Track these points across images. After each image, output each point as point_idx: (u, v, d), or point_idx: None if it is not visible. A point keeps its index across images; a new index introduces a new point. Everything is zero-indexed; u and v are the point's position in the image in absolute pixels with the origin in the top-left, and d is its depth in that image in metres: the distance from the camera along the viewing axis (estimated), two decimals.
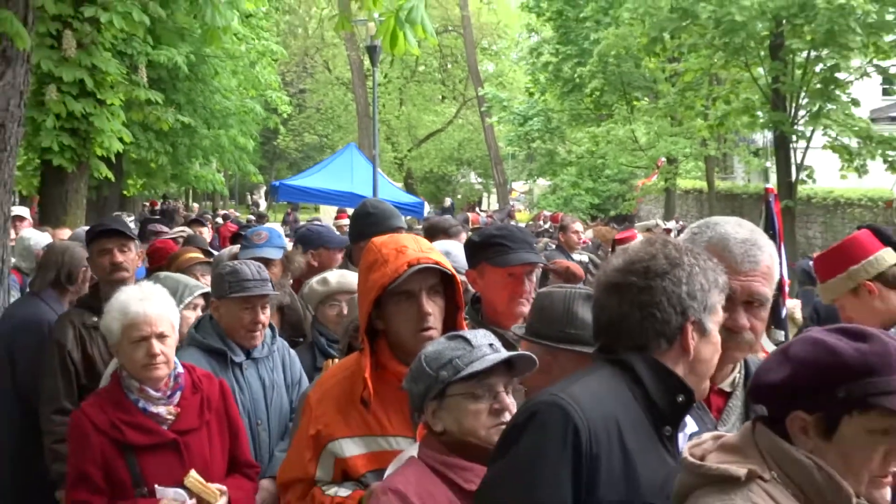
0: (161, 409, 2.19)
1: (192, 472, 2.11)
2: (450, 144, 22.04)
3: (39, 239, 4.47)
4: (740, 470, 1.21)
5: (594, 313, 1.49)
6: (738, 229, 1.57)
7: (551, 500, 1.27)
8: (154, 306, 2.18)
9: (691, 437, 1.42)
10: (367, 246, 1.86)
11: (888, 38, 12.63)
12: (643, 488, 1.31)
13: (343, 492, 1.82)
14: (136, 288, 2.34)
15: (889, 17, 12.51)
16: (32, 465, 2.94)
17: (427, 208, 13.90)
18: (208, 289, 2.84)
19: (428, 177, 23.26)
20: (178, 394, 2.23)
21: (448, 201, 19.41)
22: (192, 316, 2.80)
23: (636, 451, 1.33)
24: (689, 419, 1.46)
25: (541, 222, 13.54)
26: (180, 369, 2.26)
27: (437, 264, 1.77)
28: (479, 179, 24.85)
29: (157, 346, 2.13)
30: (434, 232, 3.43)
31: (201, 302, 2.91)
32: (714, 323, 1.40)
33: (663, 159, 14.07)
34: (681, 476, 1.31)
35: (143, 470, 2.12)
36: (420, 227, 8.94)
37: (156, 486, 2.12)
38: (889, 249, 2.33)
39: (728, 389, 1.60)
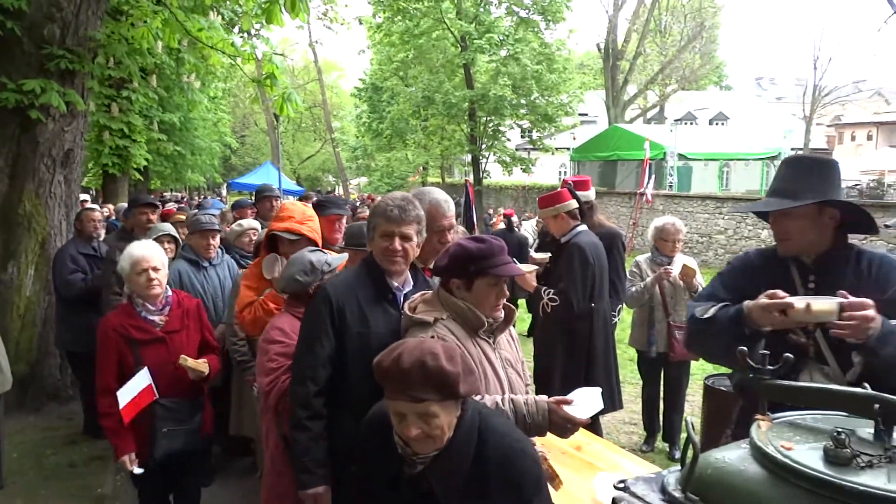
0: (155, 318, 3.03)
1: (184, 358, 2.93)
2: (318, 161, 39.59)
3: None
4: (429, 318, 2.11)
5: (359, 232, 3.07)
6: (442, 194, 2.70)
7: (321, 329, 2.23)
8: (149, 251, 3.03)
9: (407, 295, 2.34)
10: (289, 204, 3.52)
11: (522, 111, 26.11)
12: (372, 325, 2.23)
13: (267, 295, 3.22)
14: (137, 242, 3.14)
15: (523, 101, 25.81)
16: None
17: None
18: (172, 231, 4.58)
19: (308, 177, 37.78)
20: (168, 308, 3.07)
21: (321, 189, 33.19)
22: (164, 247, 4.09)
23: (367, 305, 2.27)
24: (409, 285, 2.37)
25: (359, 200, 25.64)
26: (170, 293, 3.13)
27: (287, 231, 3.20)
28: (333, 178, 39.84)
29: (153, 275, 2.98)
30: (326, 204, 4.02)
31: (170, 243, 4.49)
32: (373, 234, 2.33)
33: (421, 167, 27.35)
34: (402, 319, 2.23)
35: (143, 356, 2.93)
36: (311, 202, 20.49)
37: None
38: (573, 200, 4.04)
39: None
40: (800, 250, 2.13)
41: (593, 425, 3.91)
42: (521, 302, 8.00)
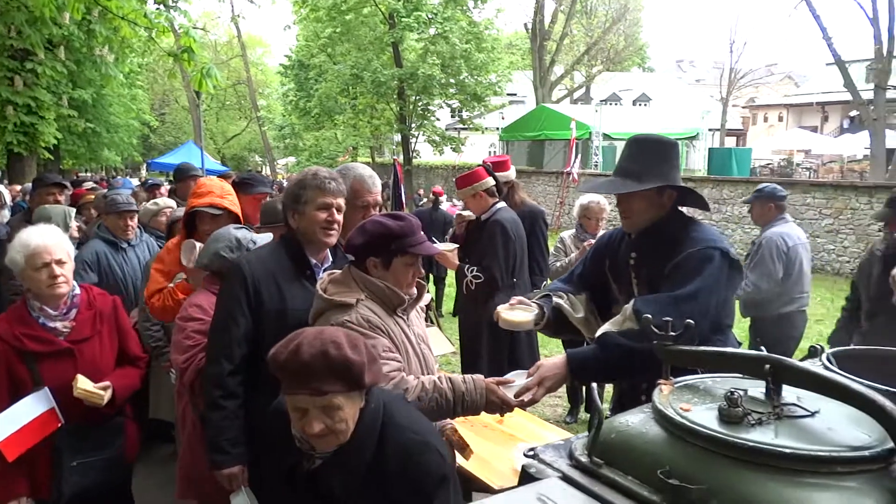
0: (57, 324, 2.45)
1: (79, 380, 2.35)
2: (244, 140, 39.05)
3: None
4: (352, 300, 2.03)
5: (275, 209, 2.99)
6: (367, 170, 2.75)
7: (236, 307, 2.18)
8: (51, 239, 2.43)
9: (325, 269, 2.32)
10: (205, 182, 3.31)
11: (452, 90, 26.10)
12: (290, 302, 2.21)
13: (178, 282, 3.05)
14: (33, 227, 2.55)
15: (452, 81, 25.80)
16: None
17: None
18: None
19: (234, 157, 35.99)
20: (74, 311, 2.49)
21: (252, 170, 31.97)
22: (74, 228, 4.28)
23: (285, 282, 2.23)
24: (328, 262, 2.38)
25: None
26: (77, 290, 2.54)
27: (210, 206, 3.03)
28: (260, 159, 38.17)
29: (57, 270, 2.39)
30: (250, 183, 3.87)
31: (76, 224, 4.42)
32: (305, 208, 2.28)
33: (351, 147, 26.84)
34: (315, 301, 2.10)
35: (43, 373, 2.37)
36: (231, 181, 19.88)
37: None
38: (490, 178, 4.09)
39: None
40: (640, 227, 2.27)
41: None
42: (451, 280, 8.09)
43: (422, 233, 2.14)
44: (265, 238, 2.72)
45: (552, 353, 5.75)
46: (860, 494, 1.01)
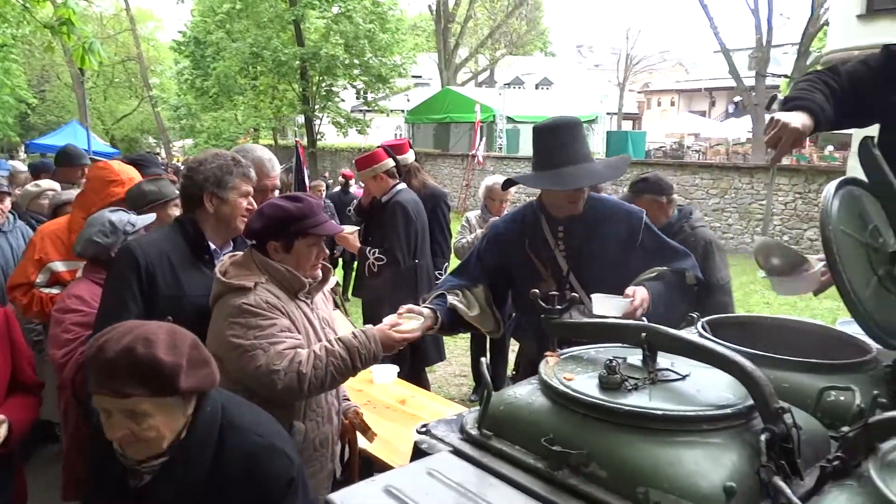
0: None
1: None
2: (136, 121, 36.24)
3: None
4: (250, 283, 1.97)
5: (140, 193, 2.75)
6: (266, 152, 2.70)
7: (126, 293, 2.06)
8: None
9: (225, 254, 2.22)
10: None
11: (356, 71, 25.74)
12: (187, 288, 2.12)
13: (55, 290, 2.89)
14: None
15: (356, 61, 25.42)
16: None
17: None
18: None
19: (125, 138, 33.18)
20: None
21: (150, 152, 30.01)
22: None
23: (181, 268, 2.14)
24: (229, 246, 2.31)
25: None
26: None
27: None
28: (154, 140, 35.42)
29: None
30: (142, 164, 3.61)
31: None
32: (230, 194, 2.20)
33: (252, 129, 26.03)
34: (214, 285, 2.03)
35: None
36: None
37: None
38: (390, 159, 4.01)
39: None
40: (578, 211, 2.38)
41: (420, 379, 4.02)
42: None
43: (322, 213, 2.10)
44: (146, 220, 2.59)
45: (457, 335, 5.83)
46: (723, 448, 1.08)
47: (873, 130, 1.94)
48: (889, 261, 1.45)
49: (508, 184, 2.60)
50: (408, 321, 2.10)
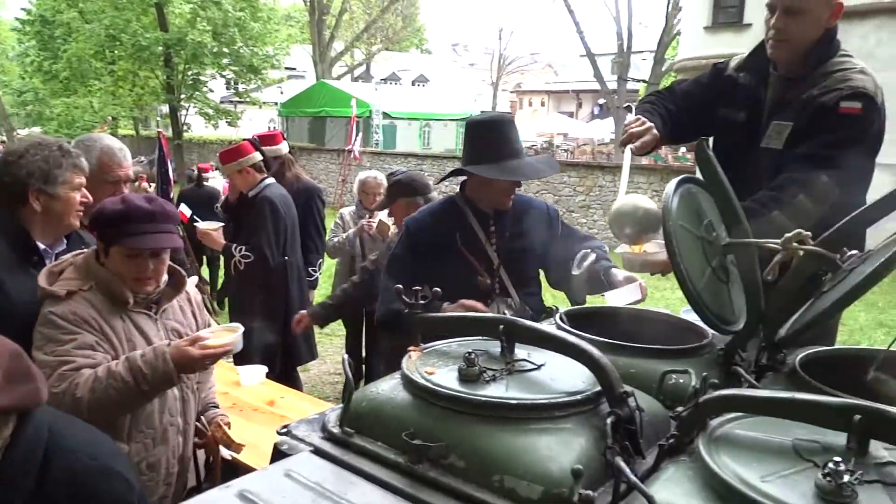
0: None
1: None
2: None
3: None
4: (61, 291, 1.77)
5: None
6: (115, 142, 2.51)
7: None
8: None
9: (59, 256, 2.03)
10: None
11: (225, 60, 24.67)
12: (13, 292, 1.88)
13: None
14: None
15: (226, 50, 24.34)
16: None
17: None
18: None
19: None
20: None
21: None
22: None
23: (5, 270, 1.90)
24: (61, 245, 2.09)
25: None
26: None
27: None
28: None
29: None
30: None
31: None
32: (60, 189, 1.97)
33: (109, 118, 24.05)
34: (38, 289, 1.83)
35: None
36: None
37: None
38: (257, 153, 3.85)
39: None
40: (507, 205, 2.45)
41: (291, 379, 3.93)
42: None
43: (158, 222, 1.87)
44: None
45: (333, 330, 5.74)
46: (573, 433, 1.13)
47: None
48: (721, 253, 1.58)
49: (457, 173, 2.51)
50: (218, 336, 1.92)
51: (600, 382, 1.18)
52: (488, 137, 2.33)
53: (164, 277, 1.98)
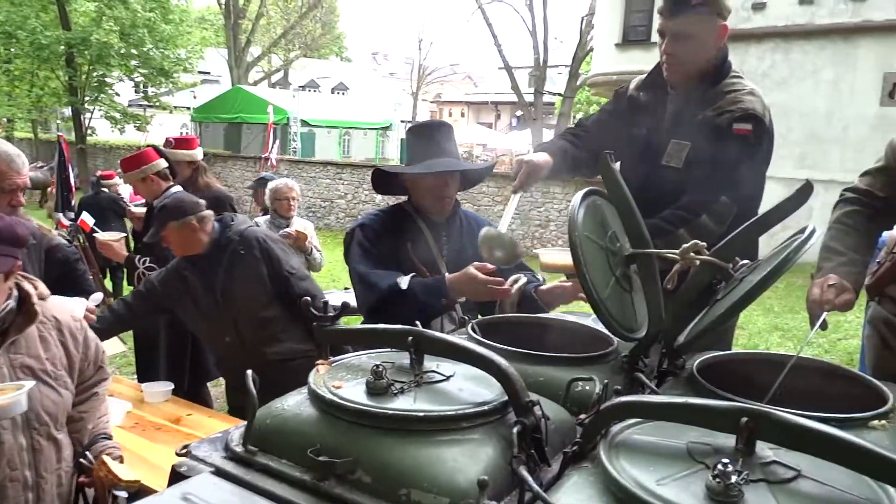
0: None
1: None
2: None
3: None
4: None
5: None
6: (12, 148, 2.44)
7: None
8: None
9: None
10: None
11: (134, 62, 23.60)
12: None
13: None
14: None
15: (134, 52, 23.27)
16: None
17: None
18: None
19: None
20: None
21: None
22: None
23: None
24: None
25: None
26: None
27: None
28: None
29: None
30: None
31: None
32: None
33: (4, 119, 22.53)
34: None
35: None
36: None
37: None
38: (162, 160, 3.74)
39: None
40: (448, 209, 2.47)
41: (201, 396, 3.78)
42: None
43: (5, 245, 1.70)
44: None
45: None
46: (480, 444, 1.13)
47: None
48: (624, 263, 1.64)
49: (379, 175, 2.48)
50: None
51: (506, 392, 1.19)
52: (419, 141, 2.39)
53: (9, 303, 1.77)
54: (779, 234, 1.63)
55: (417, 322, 1.39)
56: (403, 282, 2.20)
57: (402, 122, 27.06)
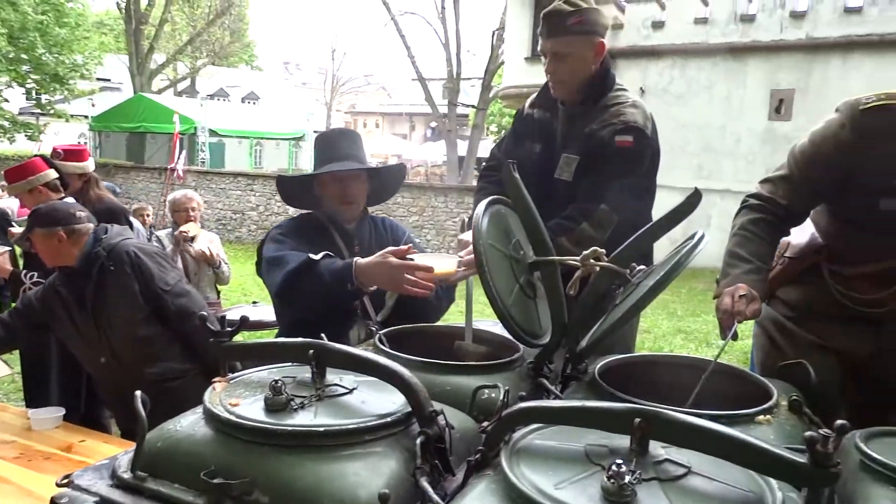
0: None
1: None
2: None
3: None
4: None
5: None
6: None
7: None
8: None
9: None
10: None
11: (25, 67, 22.17)
12: None
13: None
14: None
15: (25, 56, 21.80)
16: None
17: None
18: None
19: None
20: None
21: None
22: None
23: None
24: None
25: None
26: None
27: None
28: None
29: None
30: None
31: None
32: None
33: None
34: None
35: None
36: None
37: None
38: (52, 170, 3.57)
39: None
40: (356, 215, 2.41)
41: (98, 420, 3.55)
42: None
43: None
44: None
45: None
46: (384, 457, 1.11)
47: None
48: (528, 270, 1.66)
49: (287, 187, 2.44)
50: None
51: (410, 403, 1.18)
52: (324, 148, 2.38)
53: None
54: (680, 240, 1.70)
55: (323, 335, 1.36)
56: (316, 256, 2.10)
57: (316, 132, 26.70)
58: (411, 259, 1.97)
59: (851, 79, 12.71)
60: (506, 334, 1.70)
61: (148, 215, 6.93)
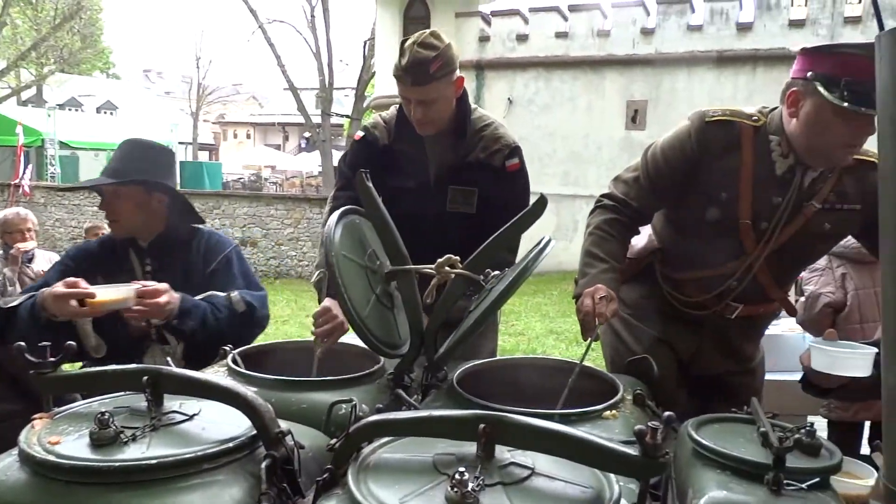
0: None
1: None
2: None
3: None
4: None
5: None
6: None
7: None
8: None
9: None
10: None
11: None
12: None
13: None
14: None
15: None
16: None
17: None
18: None
19: None
20: None
21: None
22: None
23: None
24: None
25: None
26: None
27: None
28: None
29: None
30: None
31: None
32: None
33: None
34: None
35: None
36: None
37: None
38: None
39: None
40: (131, 232, 2.23)
41: None
42: None
43: None
44: None
45: None
46: (225, 485, 1.05)
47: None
48: (384, 280, 1.65)
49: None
50: None
51: (254, 425, 1.12)
52: (116, 157, 2.27)
53: None
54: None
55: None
56: (12, 302, 2.02)
57: (181, 143, 25.44)
58: (86, 288, 1.90)
59: (696, 91, 13.85)
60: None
61: None
